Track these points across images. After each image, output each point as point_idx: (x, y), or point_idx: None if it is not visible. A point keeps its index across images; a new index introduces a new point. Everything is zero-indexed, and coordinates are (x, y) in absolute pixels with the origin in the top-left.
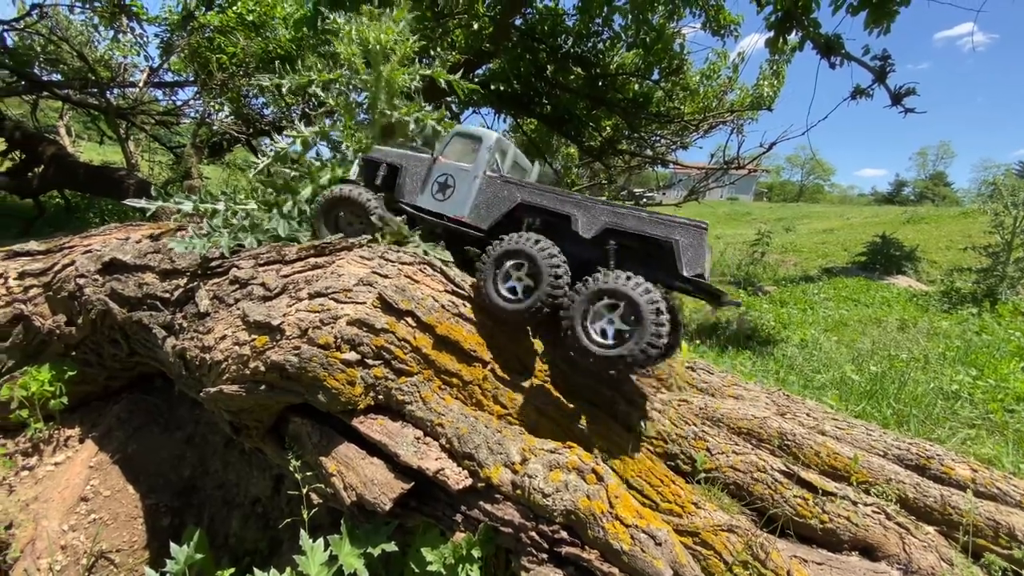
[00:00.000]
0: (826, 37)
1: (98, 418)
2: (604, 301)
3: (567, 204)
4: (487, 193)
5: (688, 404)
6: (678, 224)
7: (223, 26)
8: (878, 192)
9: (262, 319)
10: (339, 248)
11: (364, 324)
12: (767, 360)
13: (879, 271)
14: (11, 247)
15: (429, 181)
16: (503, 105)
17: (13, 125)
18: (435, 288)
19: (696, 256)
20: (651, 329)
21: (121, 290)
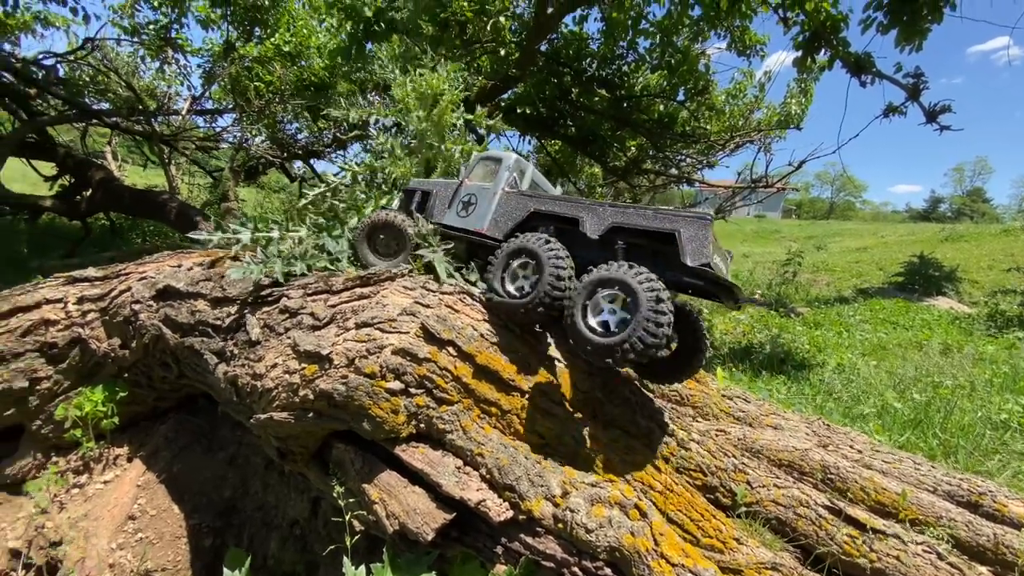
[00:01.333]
0: (856, 56)
1: (145, 437)
2: (604, 292)
3: (575, 208)
4: (505, 207)
5: (726, 434)
6: (681, 216)
7: (261, 56)
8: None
9: (312, 348)
10: (383, 278)
11: (408, 353)
12: (803, 385)
13: (918, 292)
14: (71, 273)
15: (455, 201)
16: (529, 128)
17: (65, 152)
18: (474, 317)
19: (700, 246)
20: (648, 316)
21: (174, 316)
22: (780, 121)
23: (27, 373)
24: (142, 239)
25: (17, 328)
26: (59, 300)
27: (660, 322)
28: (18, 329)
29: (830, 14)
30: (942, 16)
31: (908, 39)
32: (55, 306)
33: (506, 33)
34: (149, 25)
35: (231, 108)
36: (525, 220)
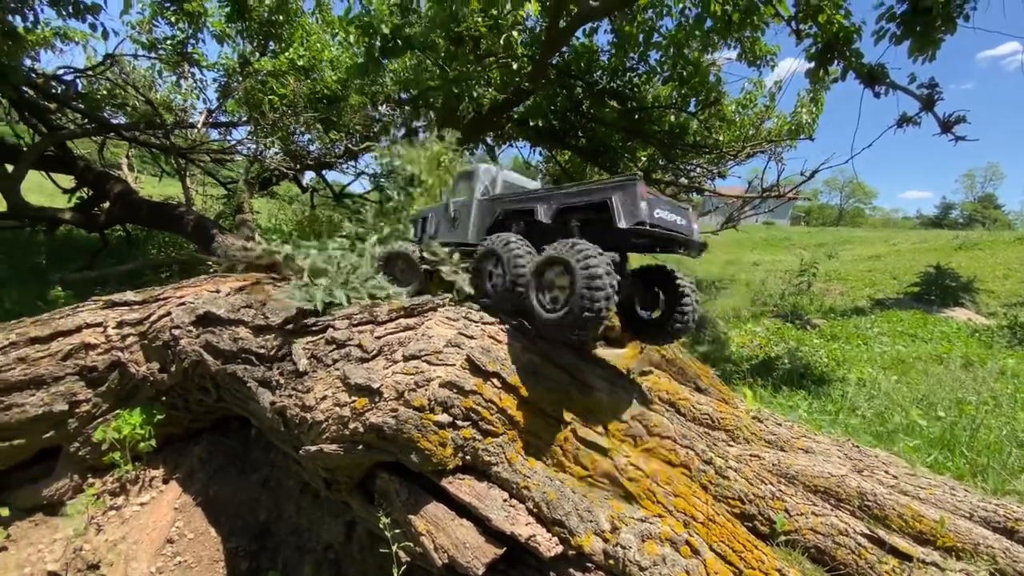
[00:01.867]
0: (869, 67)
1: (180, 459)
2: (550, 271)
3: (531, 201)
4: (481, 213)
5: (760, 460)
6: (610, 186)
7: (276, 70)
8: (924, 215)
9: (363, 382)
10: (426, 308)
11: (455, 386)
12: (824, 401)
13: (935, 303)
14: (110, 297)
15: (445, 219)
16: (540, 140)
17: (84, 164)
18: (516, 348)
19: (632, 208)
20: (583, 293)
21: (216, 343)
22: (791, 130)
23: (67, 396)
24: (158, 250)
25: (58, 352)
26: (99, 324)
27: (595, 297)
28: (59, 353)
29: (843, 26)
30: (955, 27)
31: (921, 50)
32: (95, 330)
33: (518, 47)
34: (166, 40)
35: (245, 121)
36: (501, 221)
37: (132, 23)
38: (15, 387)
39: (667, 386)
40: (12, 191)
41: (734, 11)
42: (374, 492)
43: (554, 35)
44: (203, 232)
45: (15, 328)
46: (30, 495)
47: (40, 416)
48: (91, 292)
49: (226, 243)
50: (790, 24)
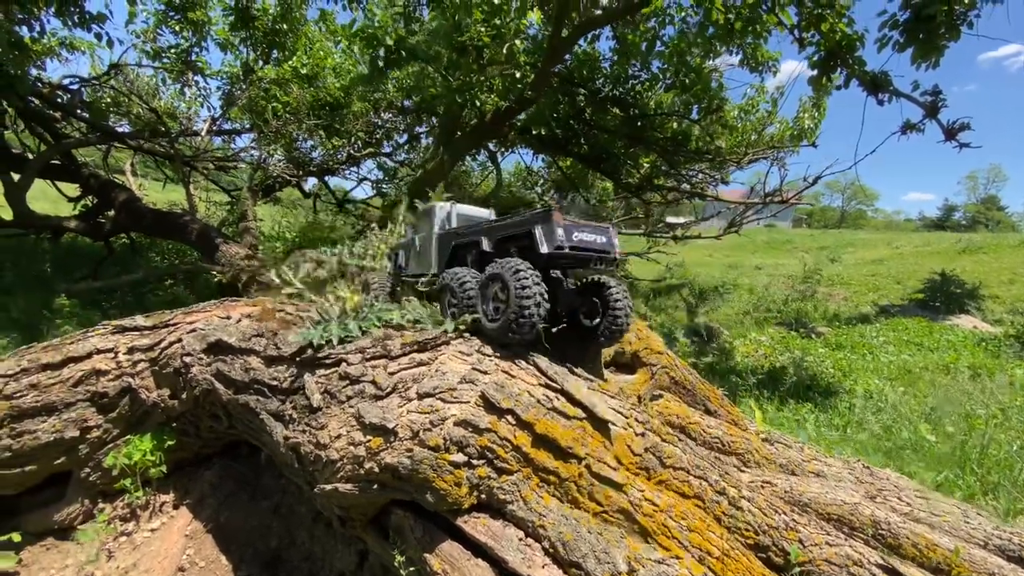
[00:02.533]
0: (873, 74)
1: (190, 484)
2: (493, 286)
3: (477, 234)
4: (440, 246)
5: (772, 486)
6: (533, 218)
7: (279, 78)
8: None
9: (378, 421)
10: (439, 343)
11: (469, 425)
12: (831, 414)
13: (940, 310)
14: (120, 322)
15: (411, 252)
16: (542, 147)
17: (89, 173)
18: (530, 382)
19: (550, 235)
20: (516, 302)
21: (227, 372)
22: (793, 136)
23: (78, 423)
24: (161, 258)
25: (69, 378)
26: (110, 350)
27: (526, 305)
28: (70, 379)
29: (846, 34)
30: (959, 34)
31: (924, 57)
32: (106, 356)
33: (521, 56)
34: (170, 49)
35: (249, 128)
36: (453, 253)
37: (137, 32)
38: (27, 414)
39: (677, 410)
40: (18, 200)
41: (736, 20)
42: (388, 527)
43: (556, 44)
44: (207, 241)
45: (26, 354)
46: (41, 519)
47: (52, 443)
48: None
49: (230, 252)
50: (792, 32)
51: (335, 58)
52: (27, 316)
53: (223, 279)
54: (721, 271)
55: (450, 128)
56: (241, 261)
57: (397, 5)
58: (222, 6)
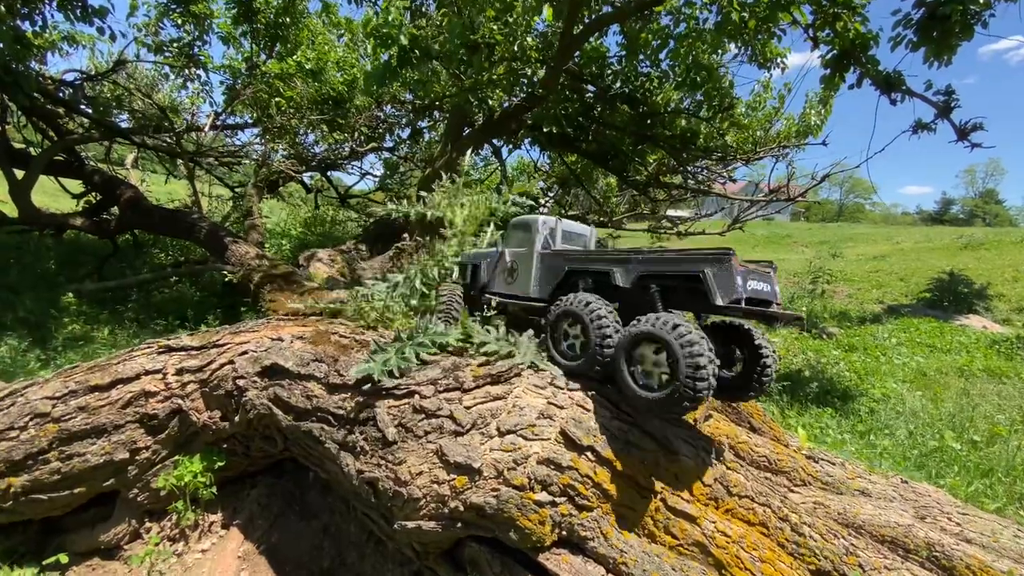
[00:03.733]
0: (886, 74)
1: (237, 502)
2: (649, 347)
3: (605, 262)
4: (543, 268)
5: (826, 508)
6: (703, 257)
7: (283, 73)
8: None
9: (463, 460)
10: (511, 375)
11: (552, 463)
12: (852, 420)
13: (949, 310)
14: (166, 341)
15: (500, 269)
16: (551, 145)
17: (92, 169)
18: (604, 416)
19: (728, 283)
20: (685, 378)
21: (286, 398)
22: (799, 132)
23: (127, 444)
24: (165, 254)
25: (118, 400)
26: (158, 371)
27: (698, 387)
28: (119, 401)
29: (860, 33)
30: (973, 33)
31: (938, 56)
32: (154, 377)
33: (532, 52)
34: (172, 43)
35: (252, 123)
36: (565, 278)
37: (138, 25)
38: (76, 436)
39: (726, 429)
40: (23, 197)
41: (751, 18)
42: (461, 560)
43: (568, 42)
44: (216, 239)
45: (73, 375)
46: (87, 539)
47: (101, 465)
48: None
49: (240, 252)
50: (807, 31)
51: (338, 52)
52: (35, 315)
53: (234, 279)
54: None
55: (458, 124)
56: (252, 261)
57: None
58: None
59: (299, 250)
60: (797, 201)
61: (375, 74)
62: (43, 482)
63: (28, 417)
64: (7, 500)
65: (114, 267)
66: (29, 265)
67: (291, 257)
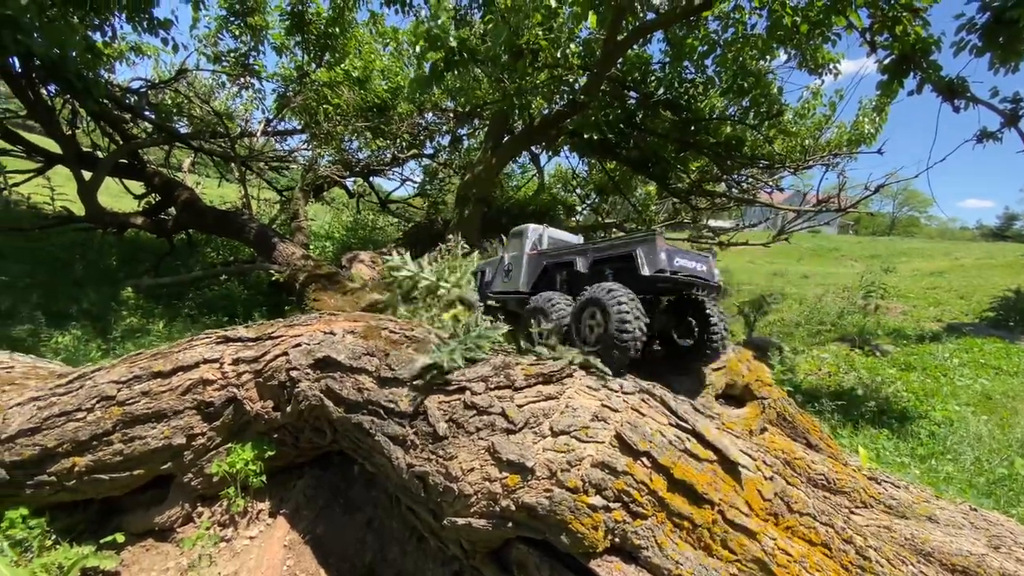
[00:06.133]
0: (949, 80)
1: (284, 492)
2: (589, 309)
3: (571, 254)
4: (530, 266)
5: (891, 532)
6: (636, 240)
7: (331, 81)
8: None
9: (515, 459)
10: (564, 375)
11: (607, 466)
12: (911, 443)
13: (1016, 331)
14: (224, 332)
15: (500, 271)
16: (592, 151)
17: (153, 171)
18: (660, 422)
19: (653, 258)
20: (615, 322)
21: (338, 390)
22: (851, 140)
23: (185, 430)
24: (216, 253)
25: (179, 387)
26: (216, 360)
27: (625, 328)
28: (179, 388)
29: (920, 37)
30: None
31: (1004, 61)
32: (212, 366)
33: (574, 59)
34: (230, 52)
35: (301, 130)
36: (543, 271)
37: (199, 37)
38: (139, 420)
39: (782, 444)
40: (90, 197)
41: (803, 22)
42: (508, 561)
43: (611, 48)
44: (264, 240)
45: (138, 361)
46: (142, 520)
47: (160, 448)
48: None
49: (287, 252)
50: (864, 36)
51: (383, 60)
52: (97, 307)
53: (280, 278)
54: (765, 279)
55: (499, 131)
56: (298, 261)
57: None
58: (279, 11)
59: (342, 252)
60: (848, 212)
61: (422, 78)
62: (106, 463)
63: (95, 400)
64: (71, 479)
65: (170, 264)
66: (93, 261)
67: (334, 258)
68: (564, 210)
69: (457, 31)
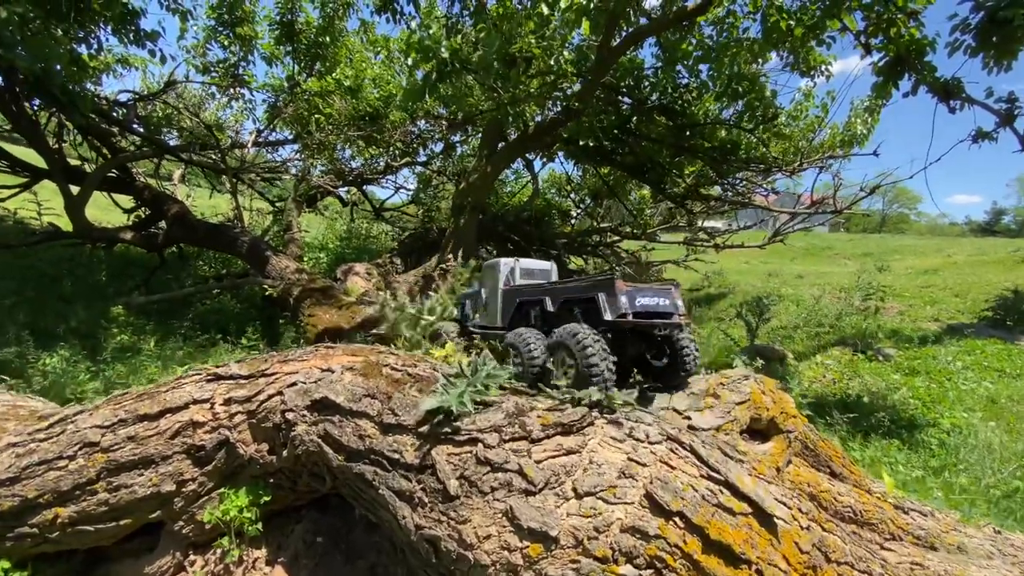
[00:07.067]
0: (944, 81)
1: (282, 538)
2: (559, 353)
3: (540, 293)
4: (505, 301)
5: (925, 569)
6: (595, 284)
7: (323, 90)
8: (973, 222)
9: (537, 527)
10: (583, 424)
11: (638, 531)
12: (924, 454)
13: (1015, 330)
14: (215, 369)
15: (477, 305)
16: (587, 158)
17: (142, 185)
18: (691, 474)
19: (614, 303)
20: (583, 365)
21: (337, 436)
22: (843, 142)
23: (175, 476)
24: (208, 266)
25: (167, 430)
26: (206, 400)
27: (593, 371)
28: (168, 431)
29: (915, 38)
30: None
31: (998, 60)
32: (202, 406)
33: (567, 66)
34: (219, 63)
35: (293, 140)
36: (517, 307)
37: (187, 47)
38: (124, 467)
39: (808, 476)
40: (78, 212)
41: (798, 26)
42: None
43: (605, 54)
44: (257, 253)
45: (123, 403)
46: (130, 570)
47: (148, 496)
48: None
49: (280, 266)
50: (859, 38)
51: (375, 69)
52: (86, 326)
53: (274, 293)
54: (761, 279)
55: (494, 138)
56: (292, 275)
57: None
58: (268, 21)
59: (337, 263)
60: (843, 213)
61: (415, 89)
62: (90, 513)
63: (77, 446)
64: (54, 531)
65: (161, 279)
66: (82, 277)
67: (329, 270)
68: (559, 215)
69: (449, 40)
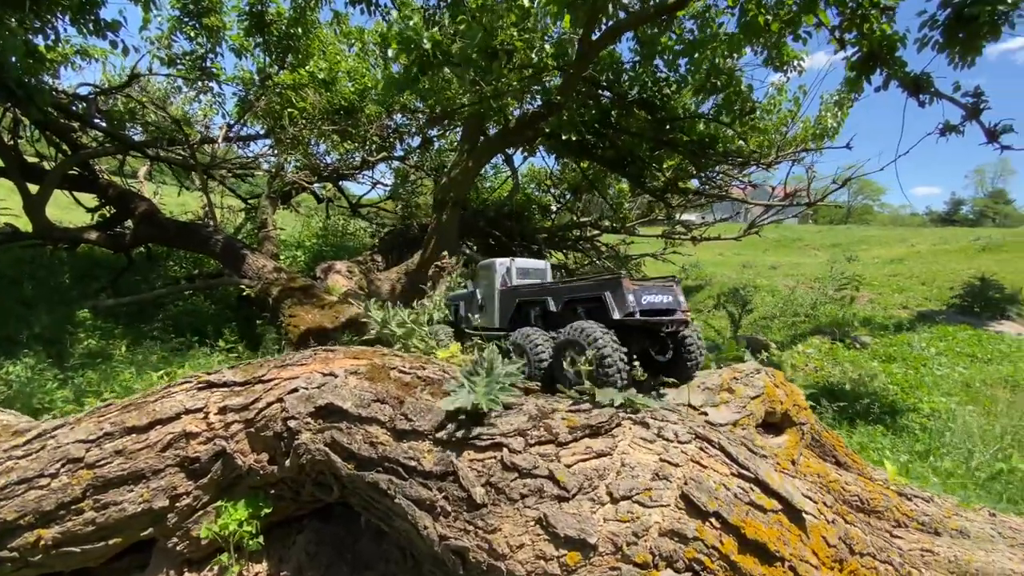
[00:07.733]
0: (915, 76)
1: (283, 550)
2: (570, 351)
3: (543, 293)
4: (503, 302)
5: (935, 555)
6: (603, 283)
7: (295, 83)
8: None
9: (574, 534)
10: (612, 426)
11: (676, 534)
12: (908, 439)
13: (982, 316)
14: (207, 376)
15: (473, 306)
16: (568, 152)
17: (106, 183)
18: (723, 472)
19: (621, 302)
20: (596, 368)
21: (347, 443)
22: (815, 135)
23: (167, 491)
24: (178, 266)
25: (158, 443)
26: (199, 409)
27: (608, 371)
28: (158, 444)
29: (887, 34)
30: (1000, 33)
31: (963, 57)
32: (195, 416)
33: (548, 60)
34: (185, 55)
35: (265, 134)
36: (517, 308)
37: (151, 39)
38: (112, 483)
39: (817, 467)
40: (38, 212)
41: (775, 21)
42: None
43: (586, 48)
44: (231, 252)
45: (107, 416)
46: None
47: (139, 513)
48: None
49: (257, 265)
50: (833, 33)
51: (349, 62)
52: (50, 331)
53: (251, 293)
54: (736, 271)
55: (474, 133)
56: (270, 274)
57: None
58: (237, 11)
59: (315, 261)
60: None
61: (396, 81)
62: (76, 534)
63: (60, 463)
64: (36, 554)
65: (129, 280)
66: (43, 280)
67: (307, 269)
68: (539, 210)
69: (428, 32)
